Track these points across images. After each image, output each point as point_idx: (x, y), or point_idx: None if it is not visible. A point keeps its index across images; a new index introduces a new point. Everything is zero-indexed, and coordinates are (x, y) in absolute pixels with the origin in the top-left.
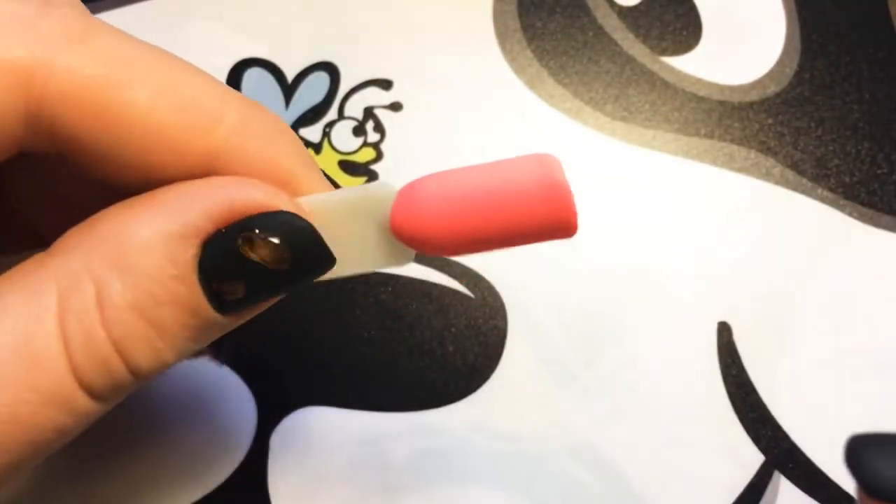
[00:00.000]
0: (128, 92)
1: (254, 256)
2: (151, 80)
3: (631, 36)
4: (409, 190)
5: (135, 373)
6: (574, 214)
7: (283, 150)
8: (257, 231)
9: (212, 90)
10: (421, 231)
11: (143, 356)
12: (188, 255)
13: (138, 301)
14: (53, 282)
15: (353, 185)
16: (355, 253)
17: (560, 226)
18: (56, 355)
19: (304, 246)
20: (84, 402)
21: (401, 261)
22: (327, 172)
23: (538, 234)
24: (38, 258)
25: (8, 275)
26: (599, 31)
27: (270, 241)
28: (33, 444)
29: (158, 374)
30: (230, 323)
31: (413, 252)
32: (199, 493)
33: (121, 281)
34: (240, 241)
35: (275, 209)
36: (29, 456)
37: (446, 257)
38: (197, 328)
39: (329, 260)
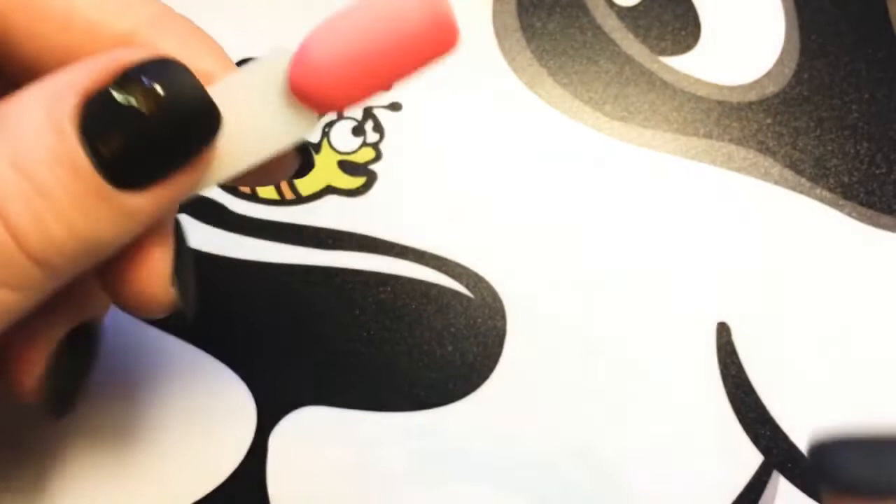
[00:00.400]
0: None
1: (123, 100)
2: None
3: (630, 36)
4: (304, 47)
5: (17, 239)
6: (453, 22)
7: (196, 43)
8: (129, 76)
9: None
10: (324, 80)
11: (24, 218)
12: (65, 108)
13: (16, 154)
14: None
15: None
16: (260, 131)
17: (444, 37)
18: None
19: (180, 87)
20: None
21: (305, 127)
22: (327, 172)
23: (427, 52)
24: None
25: None
26: (598, 31)
27: (141, 82)
28: None
29: (56, 264)
30: (131, 206)
31: (315, 115)
32: (199, 493)
33: (2, 140)
34: (113, 86)
35: (151, 58)
36: None
37: (371, 146)
38: (83, 195)
39: (209, 107)
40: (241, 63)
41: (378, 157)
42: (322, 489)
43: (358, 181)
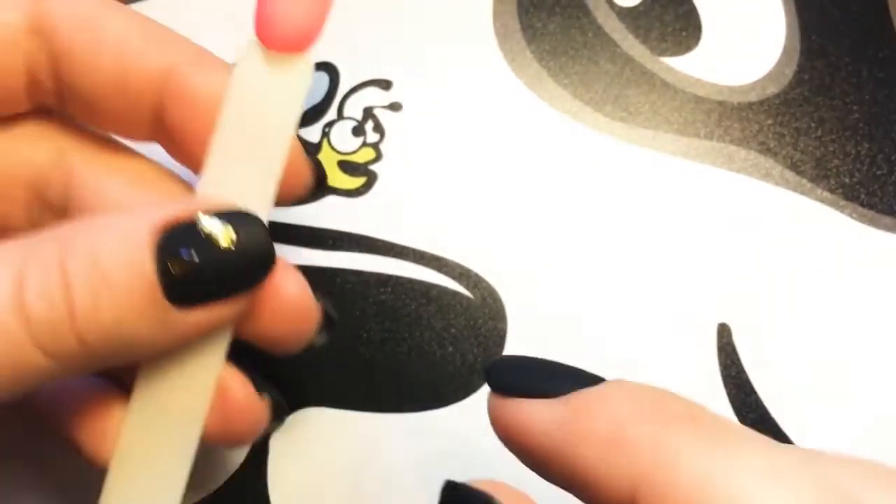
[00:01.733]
0: (108, 19)
1: (207, 232)
2: (125, 14)
3: (630, 37)
4: (258, 8)
5: (72, 313)
6: None
7: (226, 78)
8: (213, 215)
9: (171, 31)
10: (285, 14)
11: (85, 299)
12: (150, 228)
13: (97, 251)
14: (24, 241)
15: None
16: (274, 103)
17: None
18: (6, 287)
19: (254, 235)
20: (20, 334)
21: (304, 73)
22: (327, 172)
23: None
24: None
25: None
26: (599, 32)
27: (224, 221)
28: None
29: (95, 348)
30: (174, 319)
31: (303, 58)
32: (200, 494)
33: (88, 237)
34: (199, 221)
35: (235, 209)
36: None
37: (372, 146)
38: (139, 297)
39: (270, 255)
40: None
41: (378, 157)
42: (322, 489)
43: (358, 181)
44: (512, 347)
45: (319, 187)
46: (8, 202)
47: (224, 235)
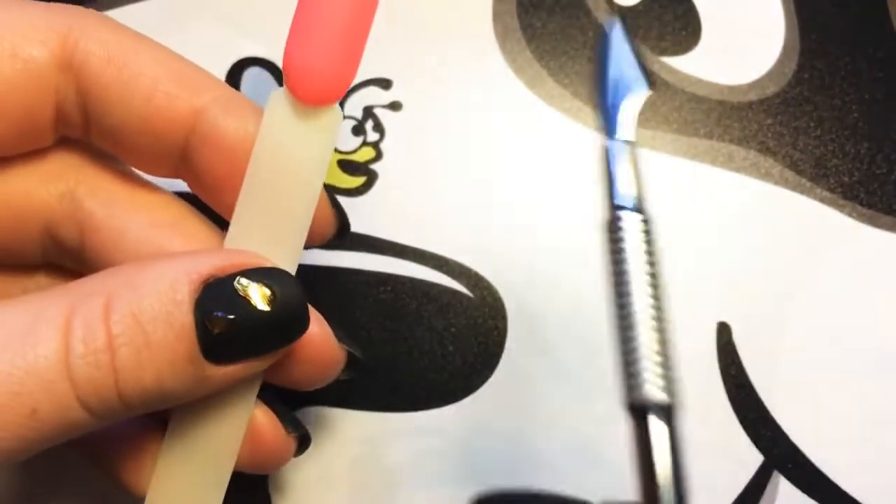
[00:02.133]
0: (139, 56)
1: (244, 293)
2: (155, 52)
3: (630, 36)
4: (287, 57)
5: (116, 376)
6: None
7: (256, 118)
8: (251, 273)
9: (202, 71)
10: (317, 68)
11: (129, 362)
12: (189, 287)
13: (140, 310)
14: (67, 294)
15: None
16: (305, 150)
17: None
18: (53, 345)
19: (291, 295)
20: (68, 395)
21: (334, 123)
22: (327, 172)
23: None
24: (56, 287)
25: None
26: (599, 32)
27: (262, 280)
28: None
29: (134, 405)
30: (209, 374)
31: (333, 109)
32: None
33: (130, 295)
34: (236, 281)
35: (272, 267)
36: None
37: (372, 145)
38: (178, 356)
39: (306, 314)
40: (240, 62)
41: (378, 156)
42: (322, 489)
43: (358, 181)
44: (512, 346)
45: (342, 235)
46: (23, 240)
47: (261, 295)
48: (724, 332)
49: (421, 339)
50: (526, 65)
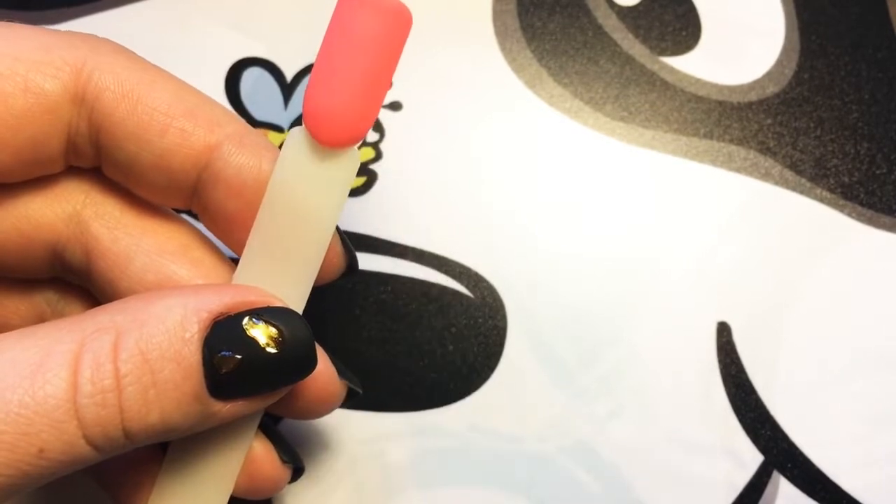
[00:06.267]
0: (153, 91)
1: (253, 333)
2: (170, 86)
3: (630, 36)
4: (308, 101)
5: (122, 415)
6: (400, 6)
7: (270, 156)
8: (259, 312)
9: (216, 105)
10: (339, 114)
11: (136, 402)
12: (199, 325)
13: (148, 348)
14: (76, 330)
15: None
16: (322, 189)
17: (403, 19)
18: (63, 384)
19: (299, 335)
20: (75, 434)
21: (351, 165)
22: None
23: (397, 41)
24: (67, 318)
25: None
26: (599, 31)
27: (270, 320)
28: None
29: (138, 440)
30: (214, 410)
31: (352, 151)
32: None
33: (139, 331)
34: (245, 320)
35: (281, 306)
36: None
37: (371, 146)
38: (184, 394)
39: (313, 355)
40: (240, 62)
41: (378, 156)
42: (322, 489)
43: (358, 181)
44: (512, 346)
45: (350, 275)
46: (30, 258)
47: (269, 336)
48: (724, 331)
49: (421, 339)
50: (526, 65)
